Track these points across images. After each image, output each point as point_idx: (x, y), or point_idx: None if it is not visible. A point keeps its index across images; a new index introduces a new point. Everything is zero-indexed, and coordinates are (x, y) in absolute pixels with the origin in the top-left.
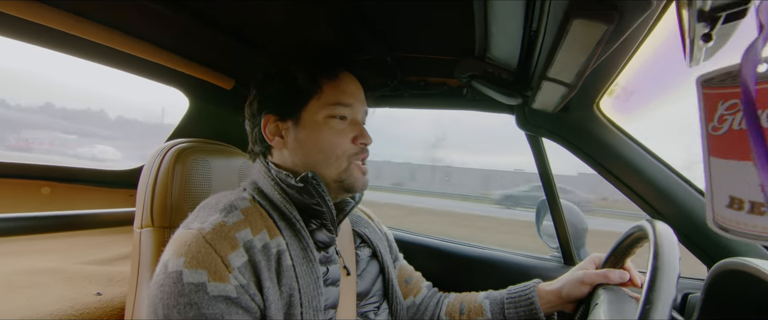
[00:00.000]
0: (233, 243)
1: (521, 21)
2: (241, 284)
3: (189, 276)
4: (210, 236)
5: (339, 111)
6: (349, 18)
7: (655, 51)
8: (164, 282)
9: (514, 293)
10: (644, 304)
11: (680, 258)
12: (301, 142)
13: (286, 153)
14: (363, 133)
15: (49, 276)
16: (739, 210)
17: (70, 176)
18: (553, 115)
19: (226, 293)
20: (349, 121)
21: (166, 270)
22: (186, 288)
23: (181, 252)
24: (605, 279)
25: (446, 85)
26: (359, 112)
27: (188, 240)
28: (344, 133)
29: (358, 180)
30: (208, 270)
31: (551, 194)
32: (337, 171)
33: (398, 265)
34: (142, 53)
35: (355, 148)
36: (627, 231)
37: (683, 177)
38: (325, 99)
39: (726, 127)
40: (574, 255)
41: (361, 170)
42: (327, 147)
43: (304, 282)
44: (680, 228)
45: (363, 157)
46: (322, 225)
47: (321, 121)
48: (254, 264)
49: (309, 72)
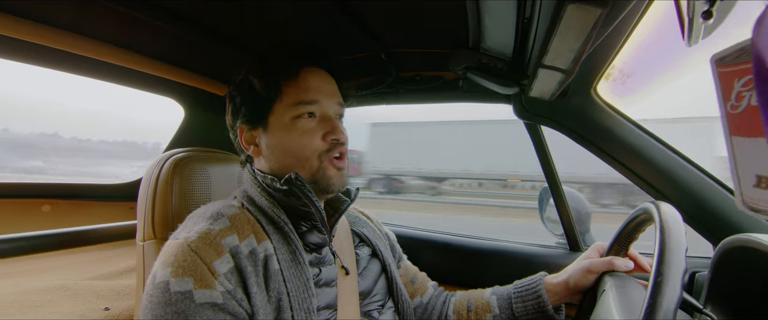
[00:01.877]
0: (219, 249)
1: (514, 9)
2: (227, 290)
3: (175, 285)
4: (195, 244)
5: (304, 109)
6: (341, 17)
7: (650, 31)
8: (153, 293)
9: (521, 287)
10: (656, 277)
11: (686, 233)
12: (272, 147)
13: (263, 160)
14: (334, 128)
15: (57, 293)
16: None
17: (70, 192)
18: (551, 103)
19: (213, 299)
20: (319, 117)
21: (154, 282)
22: (173, 298)
23: (168, 263)
24: (611, 266)
25: (442, 79)
26: (329, 106)
27: (174, 251)
28: (313, 132)
29: (332, 178)
30: (194, 277)
31: (553, 181)
32: (311, 172)
33: (402, 266)
34: (135, 65)
35: (325, 145)
36: (630, 216)
37: (685, 157)
38: (287, 100)
39: (744, 104)
40: (580, 241)
41: (335, 167)
42: (296, 148)
43: (292, 285)
44: (685, 208)
45: (340, 152)
46: (313, 226)
47: (288, 123)
48: (240, 269)
49: (266, 77)
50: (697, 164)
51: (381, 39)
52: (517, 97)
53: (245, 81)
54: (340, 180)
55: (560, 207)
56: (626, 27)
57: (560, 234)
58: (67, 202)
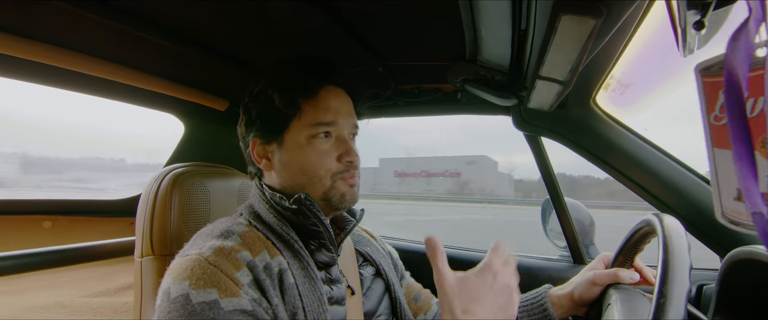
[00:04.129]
0: (236, 263)
1: (509, 21)
2: (253, 298)
3: (197, 297)
4: (212, 258)
5: (321, 129)
6: (339, 32)
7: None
8: (170, 310)
9: (526, 301)
10: (658, 299)
11: (690, 248)
12: (286, 164)
13: (274, 175)
14: (349, 150)
15: (56, 311)
16: None
17: (70, 209)
18: (550, 114)
19: (241, 306)
20: (334, 138)
21: (169, 298)
22: (197, 308)
23: (183, 277)
24: (616, 278)
25: (440, 91)
26: (345, 126)
27: (189, 265)
28: (328, 153)
29: (345, 194)
30: (217, 288)
31: (555, 193)
32: (322, 190)
33: (405, 283)
34: (134, 81)
35: (340, 167)
36: (634, 227)
37: (688, 166)
38: (306, 119)
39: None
40: (583, 253)
41: (347, 183)
42: (310, 168)
43: (307, 300)
44: (689, 218)
45: (350, 175)
46: (321, 245)
47: (303, 142)
48: (259, 282)
49: (286, 94)
50: (701, 174)
51: (378, 53)
52: (516, 109)
53: (263, 94)
54: (352, 197)
55: (563, 219)
56: (623, 37)
57: (563, 247)
58: (67, 218)
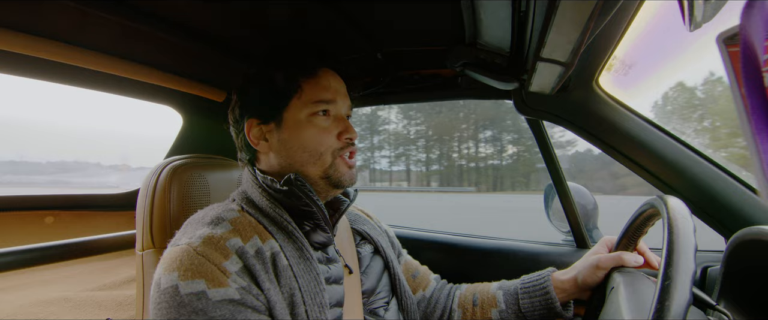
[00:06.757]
0: (225, 252)
1: (509, 3)
2: (241, 286)
3: (186, 288)
4: (201, 248)
5: (321, 107)
6: (337, 20)
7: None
8: (160, 301)
9: (528, 283)
10: (663, 281)
11: (696, 230)
12: (285, 142)
13: (272, 155)
14: (348, 127)
15: (59, 305)
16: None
17: (72, 203)
18: (552, 97)
19: (229, 296)
20: (333, 117)
21: (159, 289)
22: (185, 299)
23: (172, 268)
24: (620, 262)
25: (440, 76)
26: (342, 107)
27: (178, 255)
28: (328, 130)
29: (345, 174)
30: (205, 278)
31: (557, 177)
32: (323, 167)
33: (403, 261)
34: (132, 74)
35: (339, 144)
36: (638, 210)
37: (693, 148)
38: (306, 97)
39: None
40: (587, 238)
41: (347, 164)
42: (311, 145)
43: (303, 280)
44: (694, 201)
45: (350, 152)
46: (316, 225)
47: (303, 119)
48: (249, 268)
49: (287, 72)
50: (707, 156)
51: (376, 39)
52: (518, 92)
53: (264, 75)
54: (350, 176)
55: (565, 203)
56: (625, 16)
57: (567, 232)
58: (69, 213)
